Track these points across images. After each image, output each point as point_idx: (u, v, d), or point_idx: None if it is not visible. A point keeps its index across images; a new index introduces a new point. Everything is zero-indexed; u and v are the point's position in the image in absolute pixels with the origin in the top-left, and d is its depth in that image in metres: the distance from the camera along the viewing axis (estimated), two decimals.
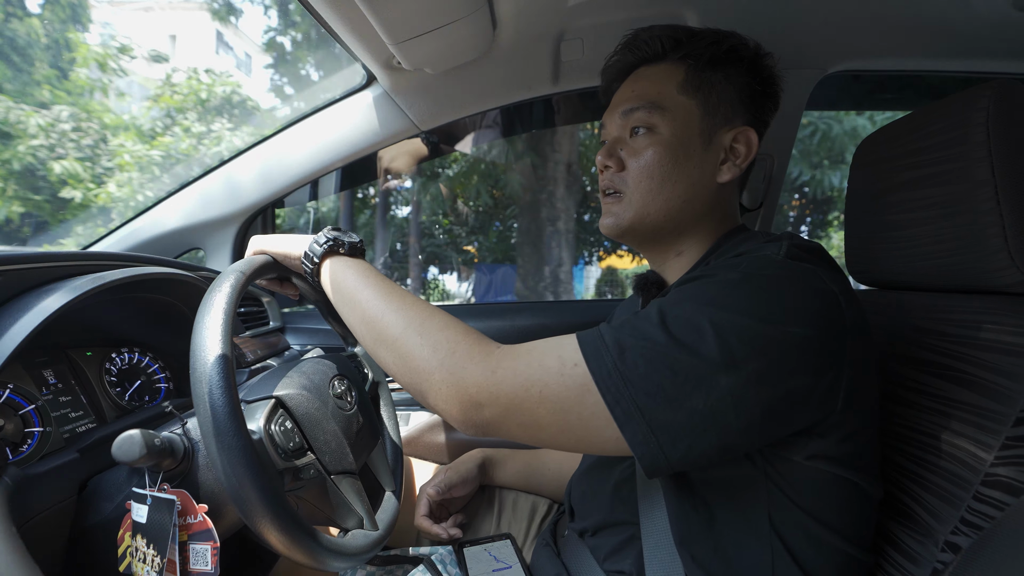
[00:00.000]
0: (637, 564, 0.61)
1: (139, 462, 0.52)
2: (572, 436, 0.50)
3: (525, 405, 0.50)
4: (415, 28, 0.82)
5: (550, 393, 0.49)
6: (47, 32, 7.44)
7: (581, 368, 0.49)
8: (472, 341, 0.53)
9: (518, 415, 0.50)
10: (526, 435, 0.52)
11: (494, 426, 0.52)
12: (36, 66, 7.17)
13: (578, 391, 0.48)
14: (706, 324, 0.47)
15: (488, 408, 0.51)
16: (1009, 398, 0.52)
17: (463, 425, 0.53)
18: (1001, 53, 1.01)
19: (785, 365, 0.47)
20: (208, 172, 1.19)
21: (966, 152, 0.57)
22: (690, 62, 0.66)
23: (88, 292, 0.62)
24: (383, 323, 0.57)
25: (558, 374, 0.49)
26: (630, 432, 0.47)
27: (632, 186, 0.66)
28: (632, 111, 0.66)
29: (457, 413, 0.52)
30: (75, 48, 7.53)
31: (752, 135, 0.66)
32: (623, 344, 0.49)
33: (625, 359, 0.48)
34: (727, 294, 0.49)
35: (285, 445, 0.58)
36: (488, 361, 0.51)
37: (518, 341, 0.54)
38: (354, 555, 0.58)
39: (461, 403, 0.51)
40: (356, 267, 0.63)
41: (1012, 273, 0.55)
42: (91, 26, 8.59)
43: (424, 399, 0.54)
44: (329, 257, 0.65)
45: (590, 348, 0.50)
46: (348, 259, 0.65)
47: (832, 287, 0.51)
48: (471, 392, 0.51)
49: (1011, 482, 0.50)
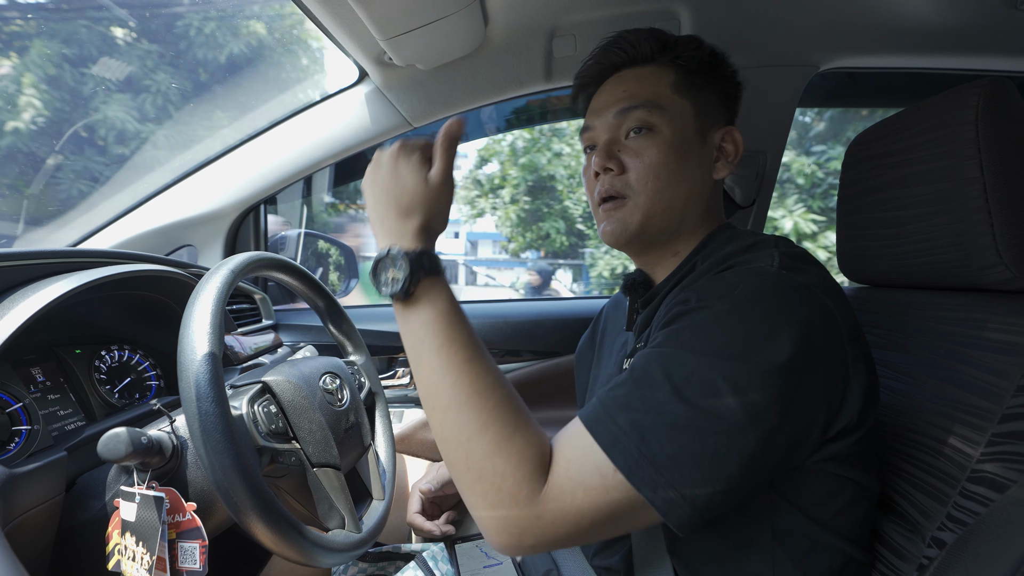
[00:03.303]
0: (625, 561, 0.62)
1: (125, 460, 0.51)
2: (617, 531, 0.50)
3: (575, 538, 0.48)
4: (406, 24, 0.81)
5: (601, 516, 0.46)
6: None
7: (619, 476, 0.45)
8: (520, 479, 0.47)
9: (569, 543, 0.49)
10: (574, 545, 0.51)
11: (543, 551, 0.50)
12: None
13: (621, 500, 0.46)
14: (721, 382, 0.45)
15: (539, 547, 0.48)
16: (996, 395, 0.52)
17: (506, 553, 0.51)
18: (992, 51, 1.02)
19: (800, 398, 0.46)
20: (199, 168, 1.18)
21: (955, 150, 0.57)
22: (680, 64, 0.66)
23: (76, 289, 0.62)
24: (436, 399, 0.51)
25: (603, 490, 0.46)
26: (676, 518, 0.45)
27: (637, 188, 0.64)
28: (629, 110, 0.65)
29: (498, 543, 0.49)
30: None
31: (737, 134, 0.67)
32: (643, 428, 0.46)
33: (650, 444, 0.45)
34: (730, 337, 0.47)
35: (267, 426, 0.59)
36: (533, 507, 0.47)
37: (513, 338, 0.52)
38: (343, 551, 0.58)
39: (507, 537, 0.48)
40: (439, 307, 0.53)
41: (1000, 271, 0.55)
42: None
43: (467, 506, 0.51)
44: (422, 283, 0.53)
45: (609, 442, 0.46)
46: (436, 289, 0.53)
47: (827, 301, 0.50)
48: (514, 532, 0.48)
49: (996, 478, 0.50)
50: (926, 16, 0.93)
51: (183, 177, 1.19)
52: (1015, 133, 0.55)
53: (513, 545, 0.48)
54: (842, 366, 0.49)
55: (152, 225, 1.19)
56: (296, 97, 1.14)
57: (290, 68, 1.63)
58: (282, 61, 1.90)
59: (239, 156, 1.17)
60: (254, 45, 3.63)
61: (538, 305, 1.39)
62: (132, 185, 1.24)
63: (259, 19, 2.88)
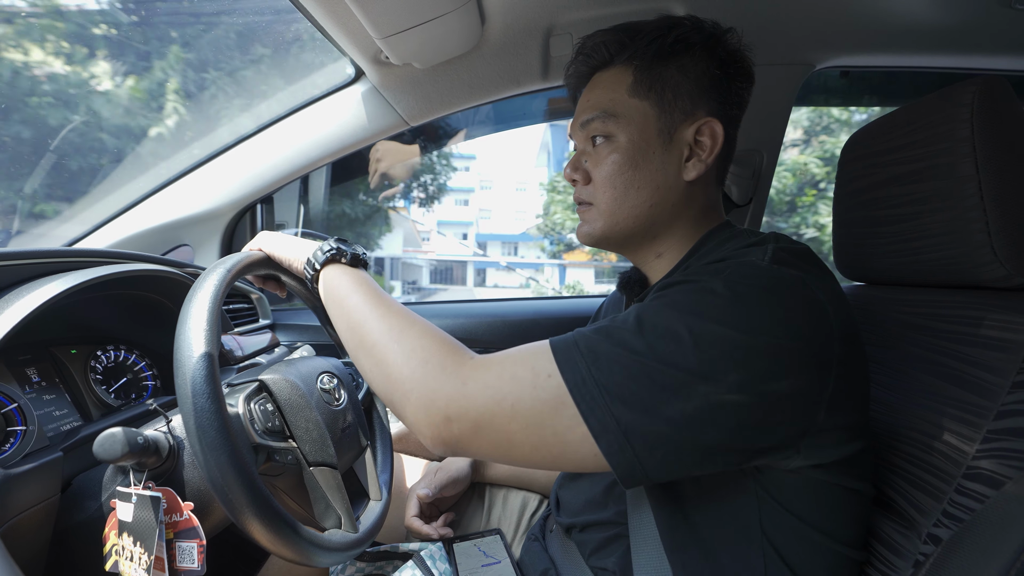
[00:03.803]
0: (621, 562, 0.62)
1: (121, 460, 0.51)
2: (547, 453, 0.48)
3: (496, 421, 0.48)
4: (402, 22, 0.81)
5: (523, 407, 0.47)
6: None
7: (556, 379, 0.47)
8: (447, 351, 0.52)
9: (489, 431, 0.48)
10: (498, 453, 0.50)
11: (464, 443, 0.50)
12: None
13: (552, 403, 0.47)
14: (685, 333, 0.46)
15: (457, 423, 0.49)
16: (992, 392, 0.52)
17: (432, 441, 0.50)
18: (987, 49, 1.02)
19: (764, 377, 0.45)
20: (195, 167, 1.18)
21: (951, 148, 0.58)
22: (636, 63, 0.63)
23: (72, 289, 0.61)
24: (365, 328, 0.56)
25: (531, 386, 0.47)
26: (605, 443, 0.45)
27: (599, 197, 0.65)
28: (588, 122, 0.65)
29: (426, 427, 0.50)
30: None
31: (716, 126, 0.62)
32: (598, 352, 0.47)
33: (600, 367, 0.46)
34: (708, 303, 0.48)
35: (263, 424, 0.59)
36: (460, 372, 0.50)
37: (510, 337, 0.53)
38: (339, 551, 0.58)
39: (430, 416, 0.49)
40: (352, 275, 0.63)
41: (996, 268, 0.55)
42: None
43: (396, 409, 0.53)
44: (330, 265, 0.65)
45: (564, 357, 0.48)
46: (347, 268, 0.64)
47: (819, 295, 0.49)
48: (440, 405, 0.49)
49: (991, 475, 0.50)
50: (921, 15, 0.94)
51: (179, 176, 1.18)
52: (1009, 131, 0.56)
53: (437, 419, 0.49)
54: (827, 363, 0.48)
55: (148, 224, 1.19)
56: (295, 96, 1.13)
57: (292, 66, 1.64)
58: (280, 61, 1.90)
59: (235, 155, 1.17)
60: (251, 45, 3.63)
61: (535, 304, 1.39)
62: (128, 184, 1.24)
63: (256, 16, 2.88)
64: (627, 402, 0.45)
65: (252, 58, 2.92)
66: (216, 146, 1.17)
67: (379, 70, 1.00)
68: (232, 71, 3.73)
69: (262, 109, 1.17)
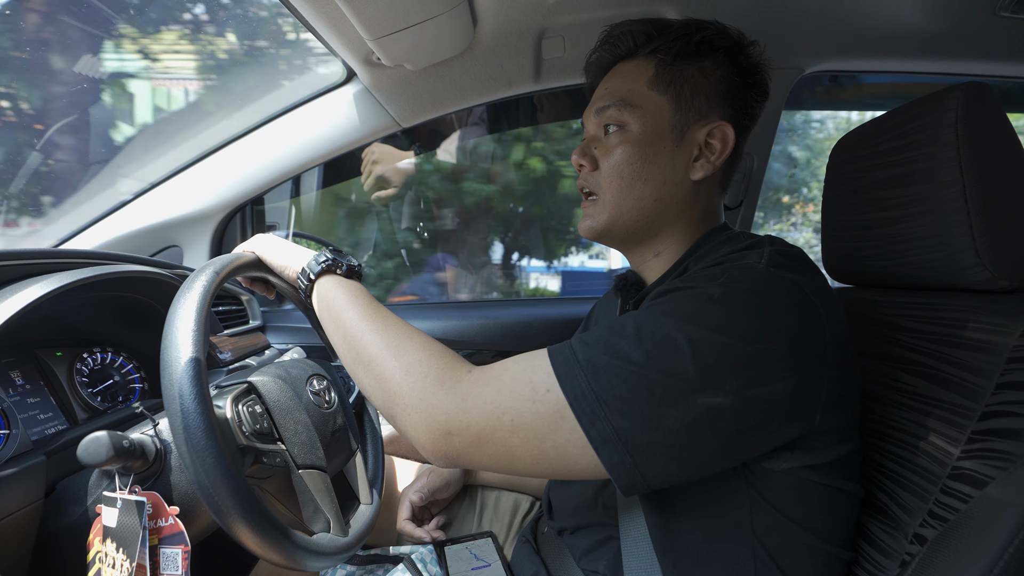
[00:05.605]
0: (612, 565, 0.62)
1: (106, 464, 0.50)
2: (547, 465, 0.48)
3: (496, 435, 0.48)
4: (394, 24, 0.81)
5: (522, 422, 0.47)
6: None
7: (555, 393, 0.47)
8: (445, 365, 0.51)
9: (489, 446, 0.48)
10: (499, 466, 0.50)
11: (465, 456, 0.50)
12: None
13: (552, 418, 0.46)
14: (683, 341, 0.46)
15: (458, 438, 0.49)
16: (976, 393, 0.53)
17: (433, 455, 0.51)
18: (974, 55, 1.03)
19: (762, 383, 0.46)
20: (185, 167, 1.17)
21: (936, 152, 0.58)
22: (660, 56, 0.64)
23: (57, 291, 0.61)
24: (362, 343, 0.56)
25: (530, 401, 0.47)
26: (606, 454, 0.45)
27: (604, 186, 0.65)
28: (604, 108, 0.66)
29: (426, 441, 0.50)
30: None
31: (728, 130, 0.63)
32: (597, 364, 0.47)
33: (599, 379, 0.46)
34: (705, 310, 0.48)
35: (251, 426, 0.58)
36: (459, 388, 0.50)
37: (502, 338, 0.53)
38: (328, 555, 0.58)
39: (430, 431, 0.49)
40: (347, 288, 0.62)
41: (980, 271, 0.56)
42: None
43: (396, 424, 0.53)
44: (324, 276, 0.64)
45: (562, 370, 0.48)
46: (342, 279, 0.64)
47: (814, 299, 0.50)
48: (440, 420, 0.49)
49: (975, 475, 0.51)
50: (910, 21, 0.95)
51: (169, 176, 1.17)
52: (993, 136, 0.56)
53: (438, 434, 0.49)
54: (820, 366, 0.48)
55: (137, 225, 1.18)
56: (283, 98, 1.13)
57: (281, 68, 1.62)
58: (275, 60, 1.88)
59: (226, 156, 1.16)
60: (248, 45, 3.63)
61: (528, 306, 1.39)
62: (116, 184, 1.23)
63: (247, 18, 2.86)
64: (627, 414, 0.45)
65: (242, 59, 2.92)
66: (207, 147, 1.16)
67: (371, 71, 0.99)
68: (221, 69, 3.74)
69: (252, 109, 1.16)
